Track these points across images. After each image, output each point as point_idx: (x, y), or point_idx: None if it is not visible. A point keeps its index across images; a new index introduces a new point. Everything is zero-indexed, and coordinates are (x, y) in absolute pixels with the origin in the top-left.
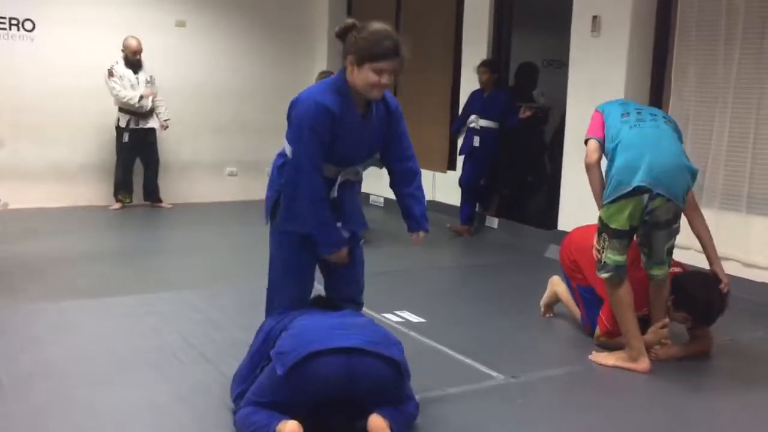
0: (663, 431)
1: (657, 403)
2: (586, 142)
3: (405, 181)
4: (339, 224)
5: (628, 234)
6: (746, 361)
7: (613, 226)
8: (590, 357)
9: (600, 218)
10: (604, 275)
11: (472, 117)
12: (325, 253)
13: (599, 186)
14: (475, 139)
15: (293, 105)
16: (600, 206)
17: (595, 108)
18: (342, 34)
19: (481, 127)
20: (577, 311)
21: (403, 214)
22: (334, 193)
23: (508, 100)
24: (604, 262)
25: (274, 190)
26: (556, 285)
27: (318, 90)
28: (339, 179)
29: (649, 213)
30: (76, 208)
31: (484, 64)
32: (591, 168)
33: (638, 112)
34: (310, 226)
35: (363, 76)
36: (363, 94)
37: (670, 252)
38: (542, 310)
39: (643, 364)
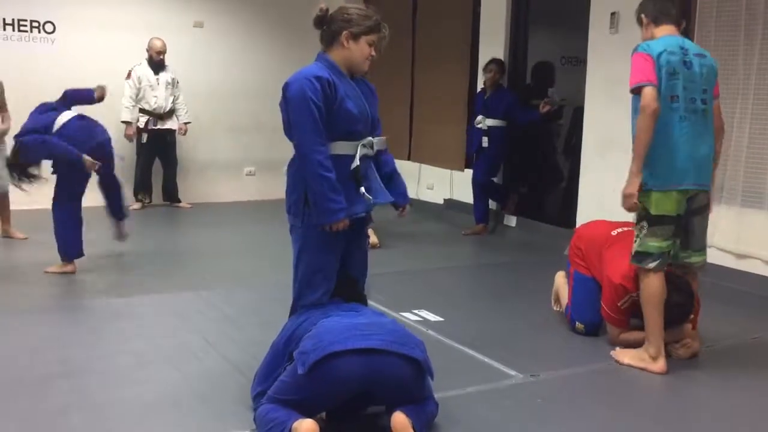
0: (679, 431)
1: (677, 404)
2: (636, 89)
3: (386, 160)
4: (368, 195)
5: (673, 220)
6: (767, 359)
7: (656, 212)
8: (611, 353)
9: (642, 206)
10: (651, 265)
11: (479, 117)
12: (328, 221)
13: (649, 141)
14: (483, 140)
15: (286, 87)
16: (639, 163)
17: (636, 50)
18: (322, 18)
19: (488, 126)
20: (565, 299)
21: (390, 191)
22: (356, 162)
23: (513, 98)
24: (646, 251)
25: (298, 192)
26: (558, 277)
27: (306, 69)
28: (358, 152)
29: (689, 201)
30: (96, 208)
31: (494, 62)
32: (651, 117)
33: (685, 92)
34: (315, 194)
35: (360, 49)
36: (356, 66)
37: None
38: (552, 302)
39: (660, 364)
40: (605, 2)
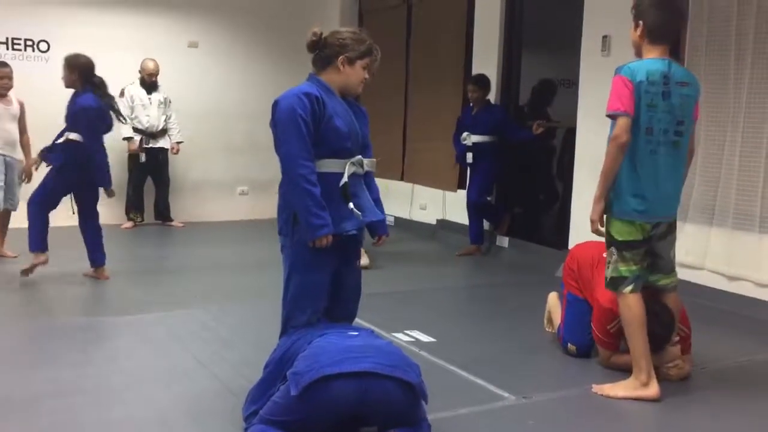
0: None
1: (665, 427)
2: (613, 116)
3: (370, 187)
4: (357, 212)
5: (641, 243)
6: (760, 382)
7: (622, 239)
8: (594, 389)
9: (608, 232)
10: (626, 289)
11: (464, 134)
12: (312, 238)
13: (615, 170)
14: (468, 156)
15: (275, 105)
16: (603, 190)
17: (618, 72)
18: (316, 42)
19: (473, 143)
20: (557, 319)
21: None
22: (345, 179)
23: (503, 114)
24: (620, 276)
25: (288, 211)
26: (551, 298)
27: (295, 88)
28: (347, 169)
29: (654, 228)
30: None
31: (471, 82)
32: (620, 149)
33: (659, 125)
34: (298, 210)
35: (355, 73)
36: (351, 89)
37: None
38: (545, 322)
39: (653, 390)
40: (597, 25)
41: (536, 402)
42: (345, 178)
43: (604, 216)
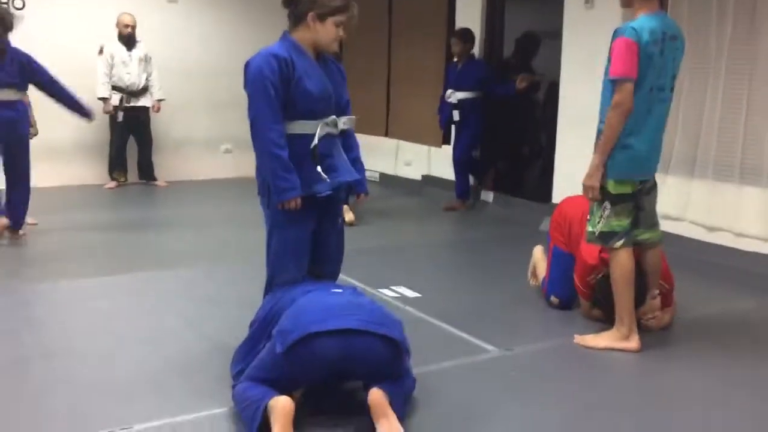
0: (650, 404)
1: (646, 376)
2: (616, 81)
3: (350, 145)
4: (324, 175)
5: (631, 197)
6: (737, 330)
7: (615, 191)
8: (576, 340)
9: (602, 187)
10: (618, 243)
11: (449, 91)
12: (278, 200)
13: (617, 136)
14: (454, 114)
15: (245, 67)
16: (604, 157)
17: (622, 34)
18: (289, 0)
19: (458, 100)
20: (542, 272)
21: None
22: (315, 141)
23: (486, 70)
24: (611, 231)
25: (263, 173)
26: (536, 251)
27: (265, 49)
28: (318, 131)
29: (642, 183)
30: (71, 188)
31: (455, 35)
32: (625, 114)
33: (658, 82)
34: (266, 173)
35: (326, 30)
36: (324, 47)
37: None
38: (529, 276)
39: (634, 342)
40: None
41: (519, 354)
42: (315, 140)
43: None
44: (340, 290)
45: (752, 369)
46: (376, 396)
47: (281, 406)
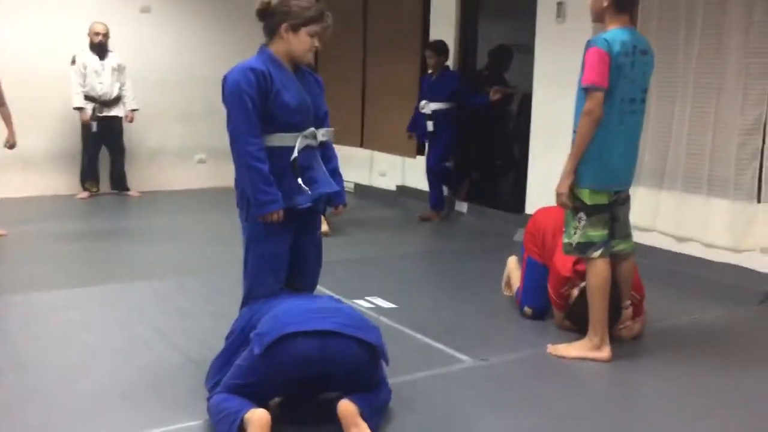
0: (622, 413)
1: (618, 386)
2: (587, 90)
3: (329, 156)
4: (305, 187)
5: (607, 208)
6: (706, 340)
7: (592, 203)
8: (549, 350)
9: (576, 198)
10: (596, 253)
11: (422, 103)
12: (259, 213)
13: (587, 144)
14: (428, 125)
15: (224, 81)
16: (574, 163)
17: (594, 44)
18: (264, 11)
19: (432, 111)
20: (516, 283)
21: None
22: (295, 153)
23: (460, 81)
24: (589, 241)
25: (242, 185)
26: (510, 261)
27: (243, 62)
28: (298, 143)
29: (616, 194)
30: (43, 198)
31: (429, 47)
32: (595, 124)
33: (629, 94)
34: (246, 186)
35: (300, 41)
36: (298, 58)
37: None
38: (503, 286)
39: (605, 352)
40: None
41: (493, 364)
42: (295, 153)
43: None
44: (316, 298)
45: (721, 378)
46: (345, 407)
47: (257, 418)
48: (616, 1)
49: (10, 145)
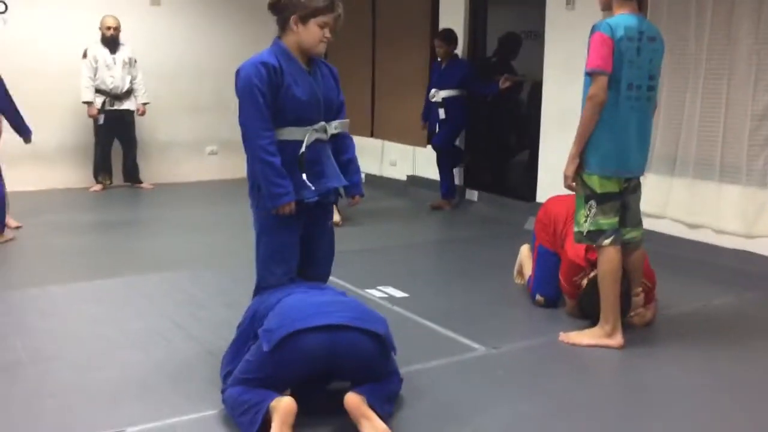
0: (635, 400)
1: (630, 373)
2: (591, 73)
3: (344, 148)
4: (308, 183)
5: (617, 196)
6: (717, 326)
7: (601, 191)
8: (561, 338)
9: (586, 186)
10: (606, 241)
11: (432, 91)
12: (271, 206)
13: (592, 129)
14: (440, 112)
15: (237, 74)
16: (579, 147)
17: (597, 29)
18: (275, 4)
19: (442, 98)
20: (528, 271)
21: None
22: (303, 148)
23: (470, 69)
24: (599, 229)
25: (253, 177)
26: (523, 249)
27: (256, 56)
28: (307, 138)
29: (627, 181)
30: (56, 191)
31: (438, 36)
32: (598, 107)
33: (636, 80)
34: (259, 179)
35: (309, 32)
36: (309, 50)
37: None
38: (515, 274)
39: (617, 339)
40: None
41: (505, 352)
42: (303, 148)
43: (581, 171)
44: (322, 290)
45: (733, 365)
46: (350, 399)
47: (284, 405)
48: None
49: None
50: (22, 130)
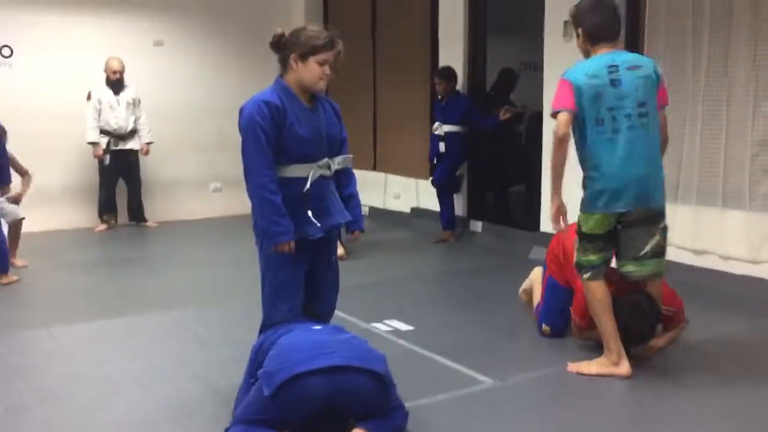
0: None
1: (640, 403)
2: (554, 114)
3: (346, 182)
4: (314, 220)
5: (601, 237)
6: (728, 353)
7: (585, 230)
8: (569, 368)
9: (577, 222)
10: (586, 275)
11: (436, 124)
12: (272, 245)
13: (563, 165)
14: (440, 145)
15: (240, 112)
16: (557, 186)
17: (563, 75)
18: (277, 43)
19: (445, 132)
20: (538, 295)
21: None
22: (307, 186)
23: (469, 103)
24: (580, 264)
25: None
26: (535, 272)
27: (258, 94)
28: (311, 175)
29: (622, 216)
30: (62, 231)
31: (437, 74)
32: (562, 142)
33: (611, 113)
34: (259, 217)
35: (309, 70)
36: (309, 87)
37: (655, 253)
38: (520, 292)
39: (624, 368)
40: (558, 10)
41: (513, 384)
42: (308, 185)
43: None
44: (320, 327)
45: (744, 393)
46: None
47: None
48: (589, 37)
49: (14, 199)
50: (3, 179)
